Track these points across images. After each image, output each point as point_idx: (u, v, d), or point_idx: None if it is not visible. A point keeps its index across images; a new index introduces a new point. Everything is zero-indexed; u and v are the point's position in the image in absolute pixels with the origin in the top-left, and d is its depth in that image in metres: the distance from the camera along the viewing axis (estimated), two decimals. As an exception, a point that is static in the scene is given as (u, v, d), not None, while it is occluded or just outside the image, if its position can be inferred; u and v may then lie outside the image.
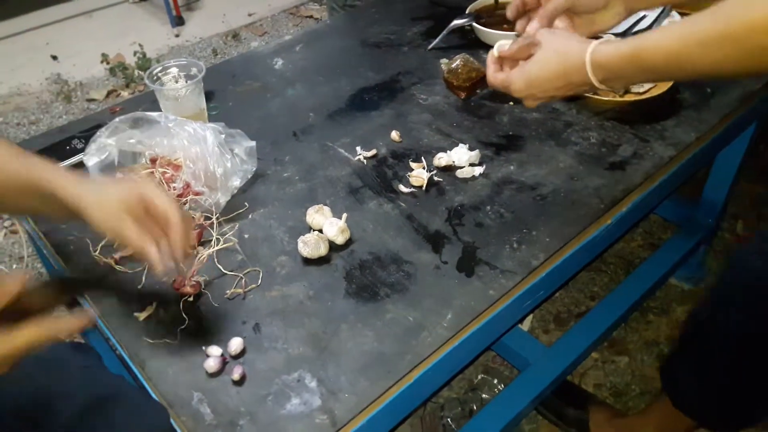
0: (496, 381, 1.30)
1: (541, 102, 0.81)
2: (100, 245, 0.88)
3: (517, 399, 1.13)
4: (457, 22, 1.29)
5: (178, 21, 2.80)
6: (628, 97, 1.06)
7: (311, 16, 2.81)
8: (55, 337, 0.57)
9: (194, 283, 0.80)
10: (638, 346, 1.38)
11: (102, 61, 2.45)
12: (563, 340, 1.22)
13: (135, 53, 2.40)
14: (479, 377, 1.32)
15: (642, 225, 1.67)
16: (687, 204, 1.50)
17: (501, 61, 0.82)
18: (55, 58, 2.64)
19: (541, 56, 0.76)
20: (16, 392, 0.72)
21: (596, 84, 0.72)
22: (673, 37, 0.64)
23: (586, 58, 0.71)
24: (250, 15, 2.89)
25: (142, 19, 2.96)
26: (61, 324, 0.58)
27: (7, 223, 1.79)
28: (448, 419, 1.25)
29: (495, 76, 0.81)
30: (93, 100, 2.33)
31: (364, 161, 1.02)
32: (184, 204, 0.91)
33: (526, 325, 1.44)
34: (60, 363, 0.75)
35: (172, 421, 0.70)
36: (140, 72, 2.36)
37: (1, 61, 2.66)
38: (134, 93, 2.29)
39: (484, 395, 1.28)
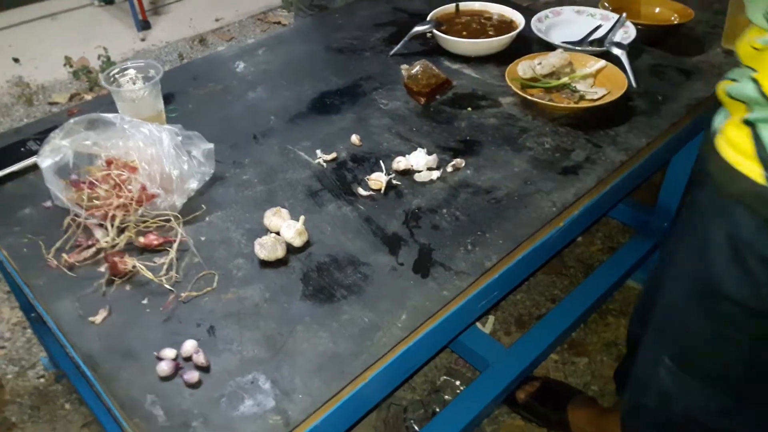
0: (458, 383, 1.31)
1: None
2: (54, 248, 0.87)
3: (477, 399, 1.15)
4: (418, 28, 1.31)
5: (144, 25, 2.77)
6: (583, 104, 1.09)
7: (279, 22, 2.81)
8: None
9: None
10: (597, 348, 1.42)
11: (65, 64, 2.41)
12: (522, 341, 1.24)
13: (99, 57, 2.37)
14: (442, 379, 1.33)
15: (601, 229, 1.71)
16: (644, 209, 1.54)
17: None
18: (17, 60, 2.59)
19: None
20: None
21: None
22: None
23: None
24: (217, 20, 2.87)
25: (108, 22, 2.92)
26: None
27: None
28: (411, 421, 1.26)
29: None
30: (55, 103, 2.29)
31: (324, 164, 1.03)
32: (137, 209, 0.90)
33: (488, 328, 1.46)
34: None
35: (123, 422, 0.69)
36: (104, 75, 2.34)
37: (-41, 62, 2.60)
38: (98, 96, 2.26)
39: (446, 397, 1.30)
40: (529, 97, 1.09)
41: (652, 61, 1.27)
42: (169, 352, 0.74)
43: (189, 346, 0.74)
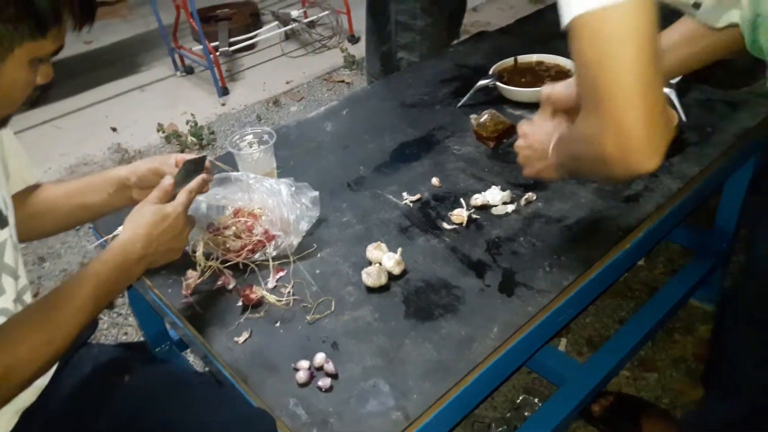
0: (536, 400, 1.42)
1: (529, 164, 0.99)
2: (193, 286, 1.06)
3: (556, 412, 1.25)
4: (482, 82, 1.48)
5: (224, 91, 3.08)
6: (637, 139, 1.22)
7: (343, 81, 3.06)
8: (195, 192, 0.97)
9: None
10: (666, 364, 1.50)
11: (158, 130, 2.70)
12: (596, 357, 1.35)
13: (187, 122, 2.66)
14: (521, 398, 1.43)
15: (662, 253, 1.80)
16: (702, 231, 1.63)
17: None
18: (114, 129, 2.92)
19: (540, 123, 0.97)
20: (143, 415, 0.88)
21: (553, 158, 0.91)
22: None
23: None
24: (287, 83, 3.15)
25: (190, 90, 3.25)
26: (194, 184, 0.96)
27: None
28: (495, 437, 1.37)
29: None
30: (151, 165, 2.57)
31: (411, 204, 1.19)
32: (263, 248, 1.08)
33: (561, 349, 1.56)
34: (185, 388, 0.91)
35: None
36: (193, 138, 2.61)
37: (66, 134, 2.95)
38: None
39: (526, 413, 1.40)
40: (588, 137, 1.23)
41: (701, 96, 1.39)
42: (304, 363, 0.89)
43: (319, 358, 0.90)
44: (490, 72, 1.50)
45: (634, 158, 0.61)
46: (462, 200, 1.17)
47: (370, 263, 1.05)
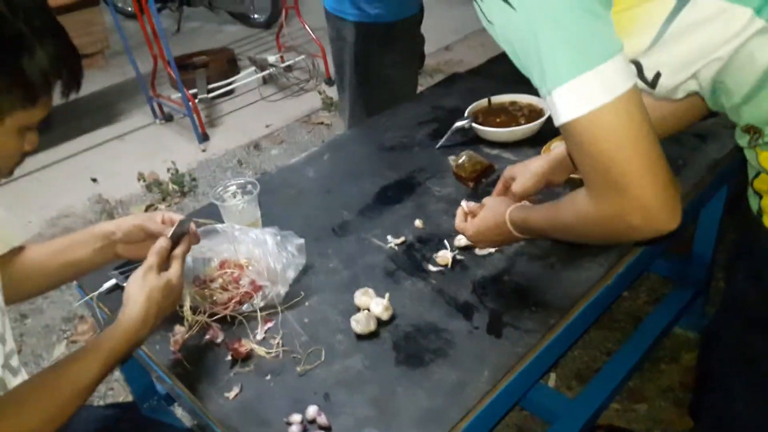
0: (530, 438, 1.41)
1: (490, 246, 1.08)
2: (181, 340, 1.05)
3: (551, 450, 1.25)
4: (458, 124, 1.51)
5: (204, 137, 3.09)
6: (612, 175, 1.25)
7: (322, 123, 3.11)
8: (186, 253, 0.99)
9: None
10: (654, 394, 1.51)
11: (139, 179, 2.70)
12: (585, 392, 1.35)
13: (168, 170, 2.66)
14: (514, 436, 1.43)
15: (645, 283, 1.83)
16: (680, 260, 1.67)
17: (466, 215, 1.08)
18: (95, 180, 2.90)
19: (482, 214, 1.03)
20: None
21: (517, 235, 0.97)
22: (541, 217, 0.91)
23: (506, 218, 0.97)
24: (267, 126, 3.18)
25: (170, 137, 3.26)
26: (184, 247, 0.99)
27: (67, 333, 1.96)
28: (491, 478, 1.35)
29: (460, 224, 1.07)
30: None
31: (396, 248, 1.20)
32: (251, 299, 1.08)
33: (550, 384, 1.57)
34: None
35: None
36: (174, 186, 2.61)
37: (46, 187, 2.92)
38: (171, 206, 2.52)
39: (521, 452, 1.39)
40: (565, 174, 1.26)
41: (669, 130, 1.44)
42: (296, 417, 0.89)
43: (312, 411, 0.89)
44: (466, 114, 1.54)
45: (661, 224, 0.69)
46: (446, 241, 1.19)
47: (358, 309, 1.06)
